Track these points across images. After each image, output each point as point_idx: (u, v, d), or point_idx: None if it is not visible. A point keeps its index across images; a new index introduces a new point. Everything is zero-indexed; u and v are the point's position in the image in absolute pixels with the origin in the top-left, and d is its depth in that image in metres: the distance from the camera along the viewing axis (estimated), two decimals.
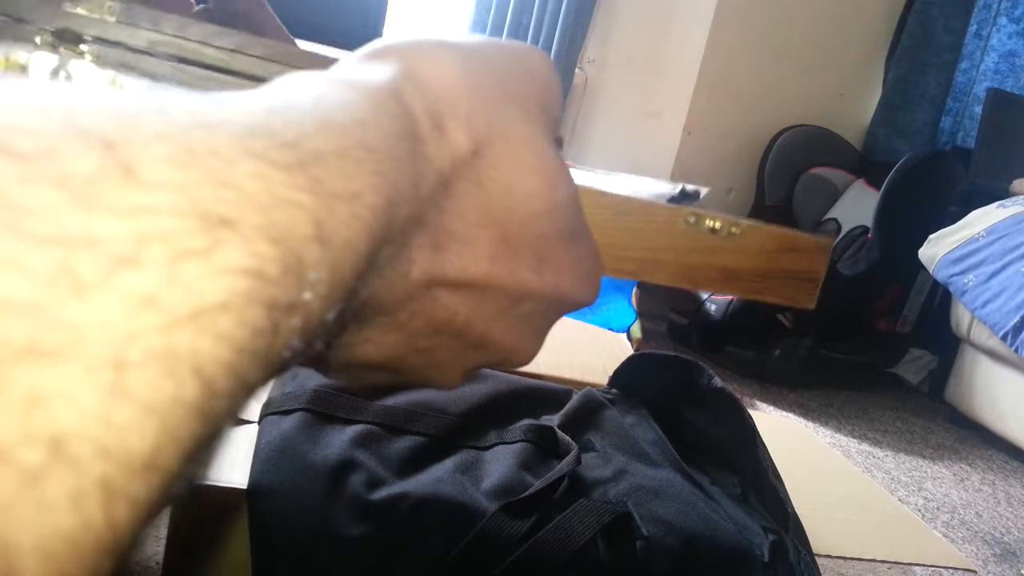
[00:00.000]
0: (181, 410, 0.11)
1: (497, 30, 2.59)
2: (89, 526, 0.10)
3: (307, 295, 0.14)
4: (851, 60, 3.07)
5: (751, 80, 2.90)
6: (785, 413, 2.10)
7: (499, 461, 0.70)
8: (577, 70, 2.73)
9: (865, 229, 2.61)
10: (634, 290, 2.06)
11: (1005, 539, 1.60)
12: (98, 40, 0.36)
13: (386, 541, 0.60)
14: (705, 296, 2.32)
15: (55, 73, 0.33)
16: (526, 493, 0.64)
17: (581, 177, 0.35)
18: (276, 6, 0.59)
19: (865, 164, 2.93)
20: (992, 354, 2.10)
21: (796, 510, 0.75)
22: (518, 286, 0.24)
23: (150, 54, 0.37)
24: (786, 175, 2.88)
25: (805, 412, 2.14)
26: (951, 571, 1.40)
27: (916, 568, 1.37)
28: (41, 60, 0.33)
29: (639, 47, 2.82)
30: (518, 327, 0.26)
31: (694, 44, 2.82)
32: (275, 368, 0.15)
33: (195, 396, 0.12)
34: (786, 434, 1.92)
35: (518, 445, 0.72)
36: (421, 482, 0.64)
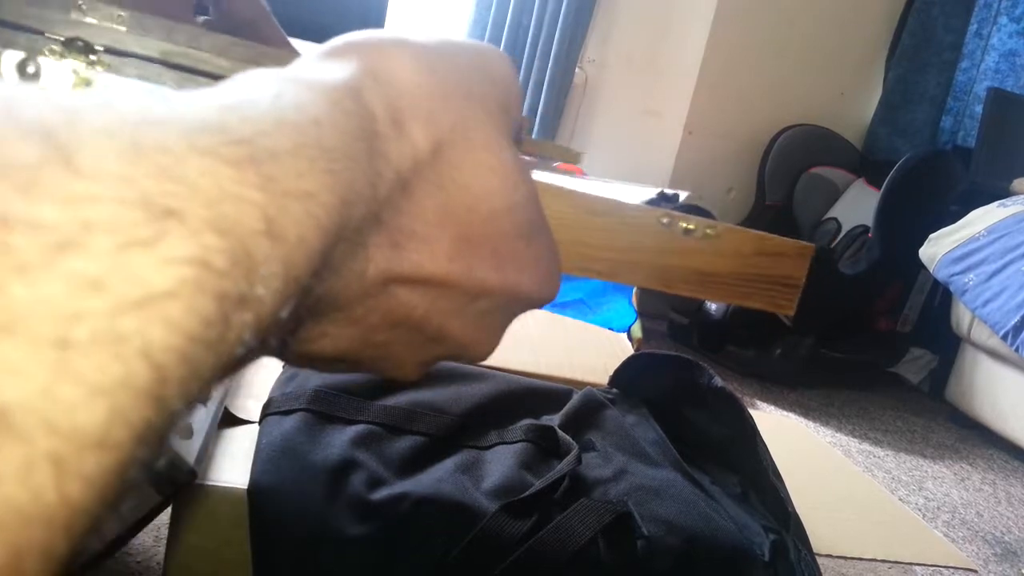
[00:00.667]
0: (131, 393, 0.12)
1: (497, 29, 2.59)
2: (40, 499, 0.10)
3: (259, 290, 0.15)
4: (851, 59, 3.07)
5: (752, 79, 2.90)
6: (786, 412, 2.10)
7: (500, 461, 0.70)
8: (577, 70, 2.73)
9: (866, 228, 2.61)
10: (634, 290, 2.06)
11: (1006, 539, 1.60)
12: (110, 50, 0.35)
13: (387, 541, 0.61)
14: None
15: (23, 67, 0.32)
16: (527, 493, 0.64)
17: (558, 183, 0.35)
18: (276, 6, 0.58)
19: (865, 163, 2.93)
20: (993, 353, 2.10)
21: (797, 509, 0.75)
22: (476, 284, 0.24)
23: (162, 63, 0.36)
24: (786, 174, 2.88)
25: (806, 411, 2.14)
26: (952, 571, 1.40)
27: (917, 568, 1.37)
28: (11, 57, 0.33)
29: (639, 46, 2.82)
30: (476, 323, 0.26)
31: (694, 43, 2.82)
32: (230, 362, 0.15)
33: (145, 381, 0.12)
34: (786, 434, 1.92)
35: (519, 445, 0.72)
36: (422, 482, 0.64)
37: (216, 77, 0.37)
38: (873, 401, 2.38)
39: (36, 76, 0.33)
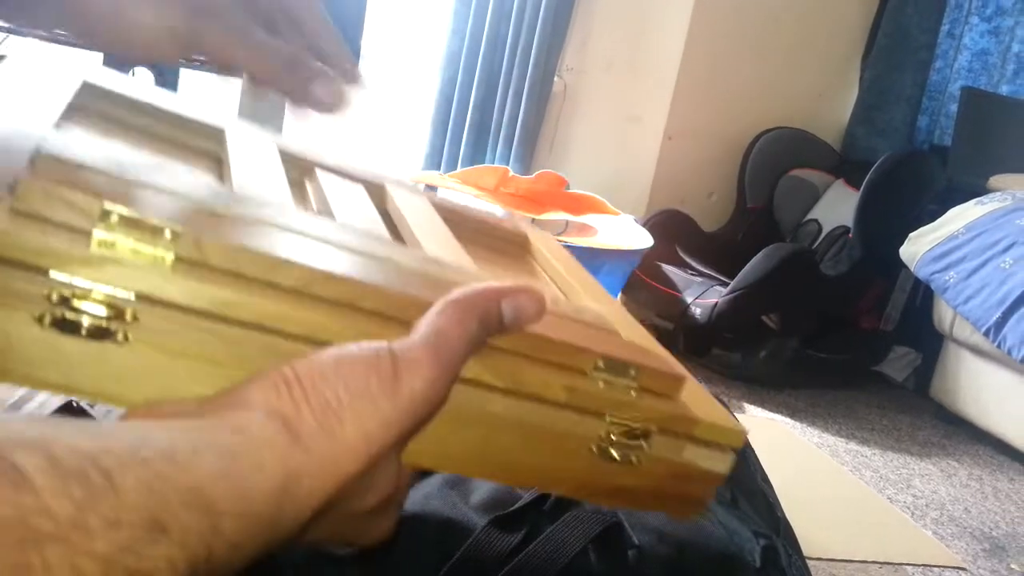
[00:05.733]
0: None
1: (475, 39, 2.60)
2: None
3: None
4: (827, 61, 3.09)
5: (729, 83, 2.92)
6: (772, 414, 2.10)
7: None
8: (556, 78, 2.74)
9: (846, 229, 2.63)
10: (619, 296, 2.06)
11: (994, 534, 1.61)
12: (145, 298, 0.27)
13: (376, 560, 0.60)
14: (690, 299, 2.33)
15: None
16: (515, 506, 0.64)
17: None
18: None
19: (844, 164, 2.95)
20: (975, 350, 2.11)
21: (786, 514, 0.75)
22: None
23: (218, 318, 0.28)
24: (766, 177, 2.89)
25: (792, 413, 2.15)
26: (941, 569, 1.41)
27: (907, 567, 1.38)
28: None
29: (617, 53, 2.83)
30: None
31: (672, 49, 2.83)
32: None
33: None
34: (773, 437, 1.93)
35: None
36: (410, 499, 0.64)
37: (312, 341, 0.29)
38: (859, 400, 2.39)
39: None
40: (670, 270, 2.46)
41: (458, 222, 0.53)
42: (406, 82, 2.70)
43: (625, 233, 2.11)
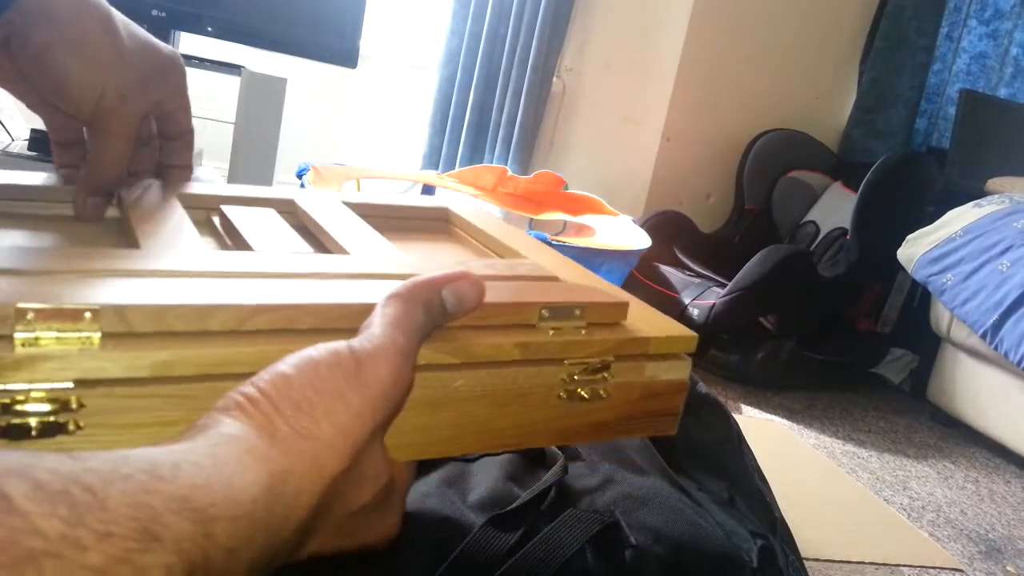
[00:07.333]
0: None
1: (474, 40, 2.59)
2: None
3: None
4: (826, 64, 3.10)
5: (728, 85, 2.92)
6: (769, 416, 2.11)
7: (485, 473, 0.69)
8: (555, 78, 2.74)
9: (844, 231, 2.63)
10: None
11: (990, 536, 1.61)
12: (83, 383, 0.27)
13: (373, 559, 0.60)
14: (687, 300, 2.33)
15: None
16: (513, 505, 0.64)
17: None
18: (252, 25, 0.57)
19: (842, 166, 2.95)
20: (972, 352, 2.12)
21: (783, 514, 0.75)
22: None
23: (158, 381, 0.28)
24: (764, 179, 2.90)
25: (789, 414, 2.15)
26: (938, 571, 1.41)
27: (904, 568, 1.38)
28: None
29: (616, 54, 2.83)
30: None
31: (671, 51, 2.83)
32: None
33: None
34: (771, 437, 1.93)
35: (504, 456, 0.72)
36: (408, 497, 0.64)
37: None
38: (856, 402, 2.39)
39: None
40: (668, 271, 2.46)
41: (377, 215, 0.54)
42: (405, 82, 2.70)
43: (623, 234, 2.12)
